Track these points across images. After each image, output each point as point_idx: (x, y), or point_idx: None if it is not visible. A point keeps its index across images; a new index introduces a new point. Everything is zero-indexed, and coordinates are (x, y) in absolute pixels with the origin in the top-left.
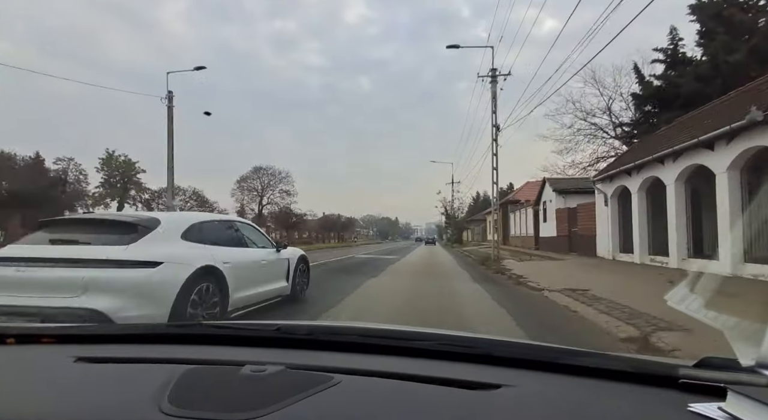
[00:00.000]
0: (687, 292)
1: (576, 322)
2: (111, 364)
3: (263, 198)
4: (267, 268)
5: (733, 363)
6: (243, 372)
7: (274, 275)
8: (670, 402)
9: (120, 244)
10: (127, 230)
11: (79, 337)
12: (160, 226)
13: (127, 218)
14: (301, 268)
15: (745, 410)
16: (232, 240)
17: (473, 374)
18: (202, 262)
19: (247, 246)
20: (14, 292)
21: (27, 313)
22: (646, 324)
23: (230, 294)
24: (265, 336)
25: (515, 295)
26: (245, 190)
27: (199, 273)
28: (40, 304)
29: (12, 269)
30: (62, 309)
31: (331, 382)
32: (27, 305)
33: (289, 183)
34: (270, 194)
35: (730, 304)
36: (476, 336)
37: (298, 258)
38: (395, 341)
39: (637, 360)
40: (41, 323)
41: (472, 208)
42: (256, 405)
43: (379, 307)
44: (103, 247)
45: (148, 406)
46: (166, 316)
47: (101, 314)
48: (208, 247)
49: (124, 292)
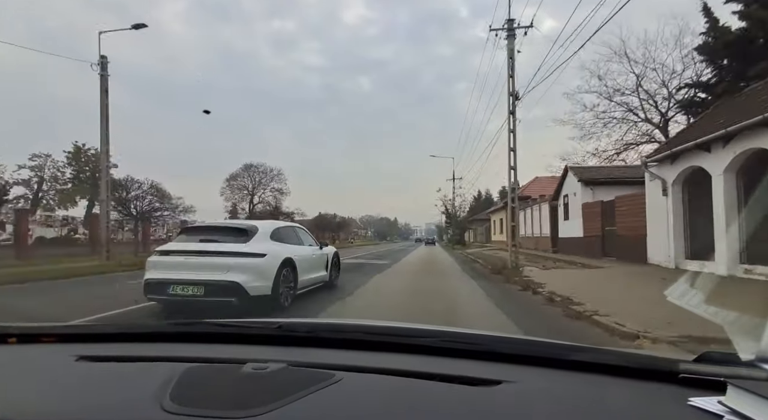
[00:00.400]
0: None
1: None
2: (113, 363)
3: (254, 197)
4: (316, 261)
5: (733, 357)
6: (245, 370)
7: (319, 266)
8: (671, 396)
9: (241, 242)
10: (241, 233)
11: (81, 336)
12: (259, 231)
13: (240, 225)
14: (334, 262)
15: (745, 404)
16: (296, 240)
17: (474, 370)
18: (284, 255)
19: (303, 244)
20: (186, 271)
21: (196, 284)
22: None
23: (299, 277)
24: (266, 334)
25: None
26: (235, 189)
27: (284, 262)
28: (203, 279)
29: (182, 258)
30: (217, 282)
31: (333, 379)
32: (196, 279)
33: (281, 181)
34: (261, 193)
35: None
36: (478, 332)
37: (333, 254)
38: (397, 338)
39: (638, 355)
40: (203, 293)
41: (473, 208)
42: (258, 403)
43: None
44: (231, 244)
45: (150, 404)
46: (270, 288)
47: (239, 285)
48: (285, 245)
49: (249, 271)
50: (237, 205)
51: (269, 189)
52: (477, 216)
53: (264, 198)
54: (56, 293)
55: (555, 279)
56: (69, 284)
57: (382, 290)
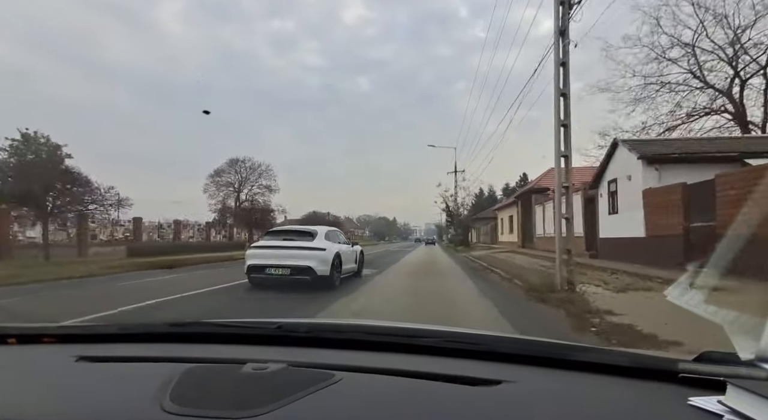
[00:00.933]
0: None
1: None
2: (112, 364)
3: (241, 193)
4: (350, 255)
5: (732, 357)
6: (245, 370)
7: (353, 260)
8: (671, 396)
9: (309, 241)
10: (308, 235)
11: (81, 336)
12: (319, 233)
13: (306, 229)
14: (360, 257)
15: (744, 403)
16: (337, 239)
17: (474, 370)
18: (335, 249)
19: (342, 243)
20: (276, 259)
21: (284, 267)
22: None
23: (342, 266)
24: (266, 334)
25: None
26: (220, 186)
27: (335, 254)
28: (289, 264)
29: (272, 250)
30: (298, 265)
31: (333, 379)
32: (284, 264)
33: (270, 177)
34: (248, 190)
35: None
36: (479, 332)
37: (360, 251)
38: (397, 338)
39: (638, 355)
40: (288, 273)
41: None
42: (258, 403)
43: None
44: (303, 241)
45: (150, 404)
46: (329, 271)
47: (312, 268)
48: (333, 243)
49: (317, 259)
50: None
51: (257, 185)
52: (480, 214)
53: (251, 195)
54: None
55: (670, 319)
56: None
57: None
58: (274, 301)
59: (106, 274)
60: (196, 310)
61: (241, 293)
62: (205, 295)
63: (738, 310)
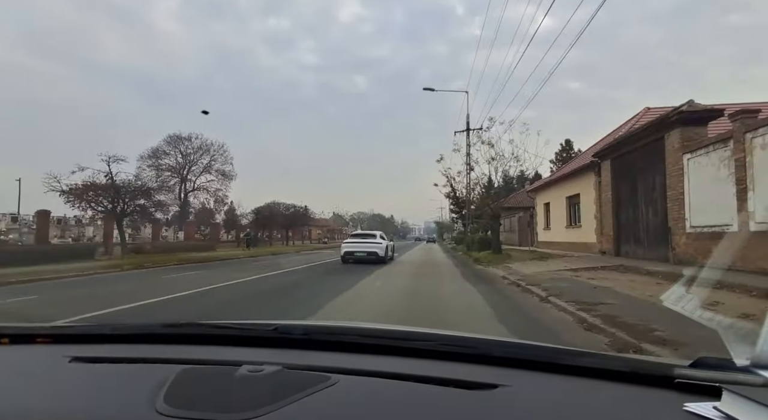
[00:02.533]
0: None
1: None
2: (106, 364)
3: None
4: (391, 247)
5: (728, 363)
6: (240, 372)
7: (391, 249)
8: (666, 402)
9: (374, 239)
10: (372, 235)
11: (74, 336)
12: (378, 234)
13: (371, 232)
14: (393, 247)
15: (740, 409)
16: (385, 237)
17: (470, 374)
18: (385, 244)
19: (387, 240)
20: (359, 248)
21: (364, 251)
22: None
23: (388, 253)
24: (262, 336)
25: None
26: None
27: (387, 246)
28: (366, 250)
29: (357, 244)
30: (371, 252)
31: (329, 382)
32: (364, 250)
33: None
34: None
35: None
36: (475, 336)
37: (392, 245)
38: (393, 341)
39: (633, 360)
40: (365, 256)
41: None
42: (253, 405)
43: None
44: (372, 239)
45: (143, 406)
46: (385, 255)
47: (378, 253)
48: (384, 240)
49: (380, 249)
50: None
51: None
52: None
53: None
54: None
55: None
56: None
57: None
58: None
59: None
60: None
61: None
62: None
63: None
